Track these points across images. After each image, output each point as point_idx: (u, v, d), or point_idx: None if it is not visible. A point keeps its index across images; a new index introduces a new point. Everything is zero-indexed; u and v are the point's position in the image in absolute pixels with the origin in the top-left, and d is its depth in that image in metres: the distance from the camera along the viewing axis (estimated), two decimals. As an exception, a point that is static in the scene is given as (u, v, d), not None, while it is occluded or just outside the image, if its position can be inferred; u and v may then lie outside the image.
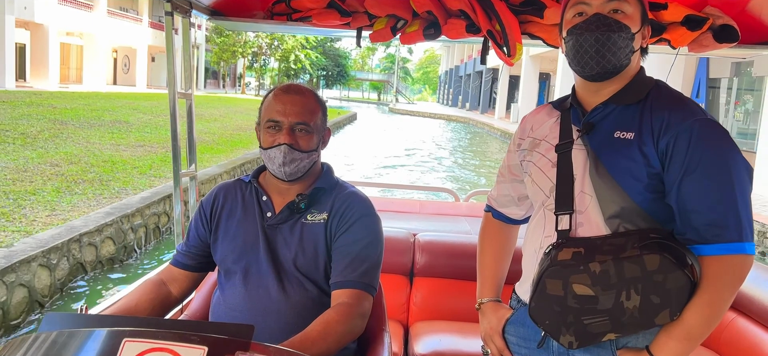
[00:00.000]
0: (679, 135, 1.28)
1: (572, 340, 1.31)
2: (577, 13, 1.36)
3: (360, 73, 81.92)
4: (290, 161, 1.57)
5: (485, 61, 2.20)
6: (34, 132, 11.01)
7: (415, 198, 6.67)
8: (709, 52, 1.99)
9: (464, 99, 51.60)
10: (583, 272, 1.27)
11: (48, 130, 11.56)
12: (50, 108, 15.23)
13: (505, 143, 24.87)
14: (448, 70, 64.17)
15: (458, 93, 55.71)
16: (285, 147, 1.55)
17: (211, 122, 17.43)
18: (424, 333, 2.55)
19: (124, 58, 35.19)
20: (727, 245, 1.24)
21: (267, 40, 44.47)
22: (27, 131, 10.90)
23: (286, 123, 1.57)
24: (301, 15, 2.21)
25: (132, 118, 15.53)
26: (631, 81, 1.39)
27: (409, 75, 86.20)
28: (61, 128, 12.01)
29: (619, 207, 1.32)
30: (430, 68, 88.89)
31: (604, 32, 1.30)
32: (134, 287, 1.80)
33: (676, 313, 1.26)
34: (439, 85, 75.64)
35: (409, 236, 2.91)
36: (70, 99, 18.24)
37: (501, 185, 1.70)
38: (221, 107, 23.96)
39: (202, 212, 1.75)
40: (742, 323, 2.38)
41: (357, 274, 1.57)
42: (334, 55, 60.33)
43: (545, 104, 1.60)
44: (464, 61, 51.97)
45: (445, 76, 66.70)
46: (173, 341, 0.95)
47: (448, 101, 62.28)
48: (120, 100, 20.71)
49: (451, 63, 61.11)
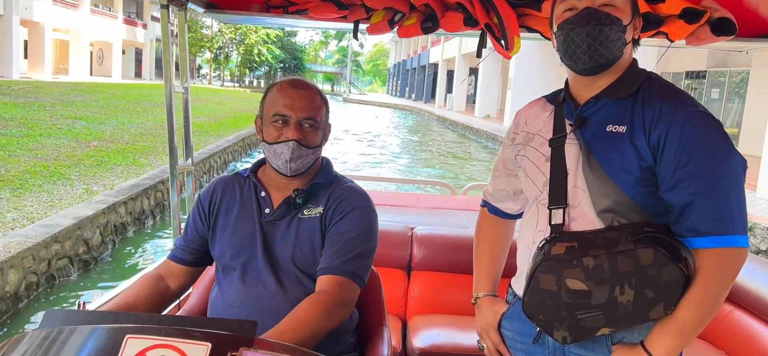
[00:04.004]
0: (671, 127, 1.28)
1: (566, 335, 1.32)
2: (567, 8, 1.37)
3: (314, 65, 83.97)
4: (297, 157, 1.57)
5: (481, 55, 2.21)
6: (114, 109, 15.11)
7: (412, 192, 6.74)
8: (706, 45, 1.98)
9: (411, 90, 55.68)
10: (576, 266, 1.27)
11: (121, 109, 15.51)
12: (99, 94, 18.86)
13: (441, 125, 29.45)
14: (396, 64, 67.80)
15: (405, 85, 59.56)
16: (294, 143, 1.55)
17: (214, 106, 21.66)
18: (423, 327, 2.57)
19: (99, 52, 38.21)
20: (720, 238, 1.24)
21: (231, 35, 47.79)
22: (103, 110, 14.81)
23: (294, 118, 1.57)
24: (298, 8, 2.21)
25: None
26: (623, 74, 1.40)
27: (361, 67, 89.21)
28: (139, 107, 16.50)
29: (612, 201, 1.33)
30: (379, 61, 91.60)
31: (595, 26, 1.31)
32: (133, 281, 1.80)
33: (671, 307, 1.27)
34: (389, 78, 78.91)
35: (407, 230, 2.92)
36: (93, 88, 21.69)
37: (496, 180, 1.70)
38: (211, 95, 28.27)
39: (200, 207, 1.74)
40: (738, 315, 2.41)
41: (342, 261, 1.56)
42: (291, 49, 63.54)
43: (540, 98, 1.61)
44: (411, 56, 55.96)
45: (394, 69, 70.14)
46: (176, 337, 0.95)
47: (397, 92, 66.06)
48: (133, 89, 24.42)
49: (399, 57, 65.02)
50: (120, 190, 6.82)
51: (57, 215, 5.42)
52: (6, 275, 4.26)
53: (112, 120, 13.51)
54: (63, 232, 5.02)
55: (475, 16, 2.05)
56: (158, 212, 7.51)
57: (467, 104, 35.10)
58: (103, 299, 1.76)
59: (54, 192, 6.46)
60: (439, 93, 40.52)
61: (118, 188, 6.95)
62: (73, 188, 6.81)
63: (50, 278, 4.94)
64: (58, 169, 7.65)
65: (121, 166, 8.47)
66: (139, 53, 42.96)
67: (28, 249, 4.49)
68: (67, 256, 5.17)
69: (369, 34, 2.22)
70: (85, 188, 6.90)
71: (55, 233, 4.89)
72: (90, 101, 16.81)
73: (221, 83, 53.64)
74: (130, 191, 6.81)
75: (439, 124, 30.24)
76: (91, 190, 6.80)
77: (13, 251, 4.31)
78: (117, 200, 6.34)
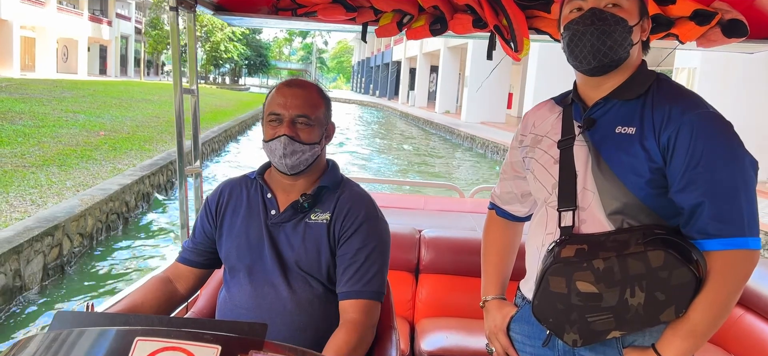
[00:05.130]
0: (681, 128, 1.20)
1: (576, 338, 1.25)
2: (574, 9, 1.30)
3: (280, 62, 79.64)
4: (291, 152, 1.50)
5: (491, 57, 2.08)
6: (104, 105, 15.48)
7: (420, 194, 6.56)
8: (717, 47, 1.89)
9: (374, 87, 54.49)
10: (586, 269, 1.21)
11: (109, 104, 15.90)
12: (81, 91, 18.76)
13: (404, 120, 29.42)
14: (360, 61, 65.89)
15: (369, 82, 58.24)
16: (285, 138, 1.48)
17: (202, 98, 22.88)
18: (431, 330, 2.46)
19: (63, 49, 35.36)
20: (731, 240, 1.17)
21: (198, 32, 48.88)
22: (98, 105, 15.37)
23: (286, 116, 1.50)
24: (306, 10, 2.11)
25: (147, 97, 19.99)
26: (632, 75, 1.31)
27: (325, 64, 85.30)
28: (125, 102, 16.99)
29: (622, 203, 1.25)
30: (344, 58, 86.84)
31: (600, 27, 1.24)
32: (141, 283, 1.72)
33: (682, 310, 1.19)
34: (353, 75, 75.28)
35: (415, 233, 2.81)
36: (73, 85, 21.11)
37: (504, 182, 1.60)
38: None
39: (207, 209, 1.65)
40: (750, 319, 2.29)
41: (363, 283, 1.49)
42: (256, 46, 60.52)
43: (547, 99, 1.51)
44: (374, 54, 54.18)
45: (358, 66, 67.91)
46: (186, 340, 0.92)
47: (361, 89, 64.03)
48: (111, 86, 23.95)
49: (363, 55, 62.64)
50: (142, 167, 8.21)
51: (104, 183, 6.82)
52: (86, 220, 5.71)
53: (106, 114, 13.84)
54: (113, 194, 6.49)
55: (484, 18, 1.96)
56: (169, 186, 8.88)
57: (429, 100, 35.48)
58: (112, 301, 1.69)
59: (90, 169, 7.60)
60: (403, 90, 40.44)
61: (140, 165, 8.30)
62: (102, 166, 7.90)
63: (107, 228, 6.31)
64: (84, 152, 8.65)
65: (133, 150, 9.54)
66: (103, 50, 40.03)
67: (96, 204, 5.97)
68: (116, 212, 6.62)
69: (377, 36, 2.12)
70: (111, 166, 7.98)
71: (110, 194, 6.39)
72: (78, 97, 16.70)
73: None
74: (150, 168, 8.22)
75: (402, 119, 30.27)
76: (117, 168, 7.89)
77: (86, 205, 5.77)
78: (143, 174, 7.72)
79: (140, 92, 22.58)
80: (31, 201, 5.79)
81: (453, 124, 21.89)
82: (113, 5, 39.87)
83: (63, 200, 5.91)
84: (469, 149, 18.02)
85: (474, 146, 17.89)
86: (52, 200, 5.91)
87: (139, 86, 26.78)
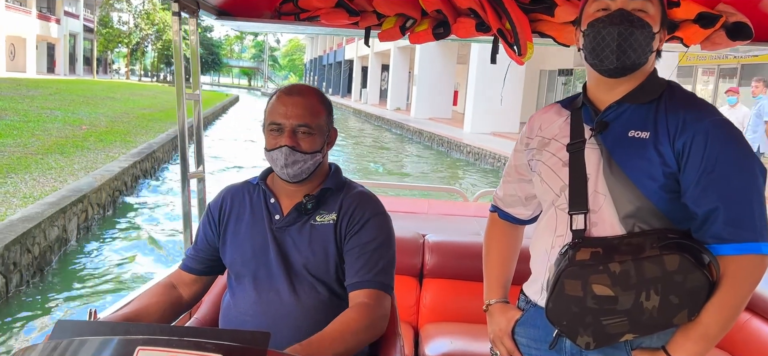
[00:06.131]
0: (696, 135, 1.18)
1: (589, 341, 1.22)
2: (601, 8, 1.24)
3: (232, 60, 78.90)
4: (292, 162, 1.44)
5: (495, 61, 1.97)
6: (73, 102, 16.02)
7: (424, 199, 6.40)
8: (722, 49, 1.83)
9: (327, 85, 51.98)
10: (602, 272, 1.18)
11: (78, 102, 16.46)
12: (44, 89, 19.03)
13: (358, 117, 28.97)
14: (312, 59, 63.77)
15: (322, 80, 55.95)
16: (286, 149, 1.42)
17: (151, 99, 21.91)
18: (435, 335, 2.38)
19: (11, 47, 34.39)
20: (744, 245, 1.16)
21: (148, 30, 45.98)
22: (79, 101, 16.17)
23: (287, 125, 1.43)
24: (309, 15, 2.05)
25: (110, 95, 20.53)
26: (644, 80, 1.26)
27: (277, 62, 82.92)
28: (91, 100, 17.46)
29: (635, 207, 1.21)
30: (296, 56, 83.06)
31: (627, 27, 1.20)
32: (144, 290, 1.67)
33: (695, 313, 1.16)
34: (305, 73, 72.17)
35: (419, 238, 2.73)
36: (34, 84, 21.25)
37: (507, 185, 1.53)
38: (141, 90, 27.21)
39: (210, 216, 1.57)
40: (756, 324, 2.24)
41: (373, 274, 1.43)
42: (208, 44, 59.30)
43: (554, 103, 1.45)
44: (327, 52, 52.91)
45: (310, 64, 65.87)
46: (188, 349, 0.91)
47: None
48: (73, 85, 23.97)
49: (315, 53, 60.81)
50: (131, 155, 8.95)
51: (105, 166, 7.74)
52: (101, 193, 6.66)
53: (80, 111, 13.98)
54: (119, 173, 7.52)
55: (487, 21, 1.89)
56: (153, 171, 9.71)
57: (380, 98, 36.22)
58: (116, 307, 1.60)
59: (87, 156, 8.26)
60: (355, 88, 40.07)
61: (129, 154, 9.03)
62: (97, 154, 8.53)
63: (113, 202, 7.41)
64: (76, 143, 9.21)
65: (117, 142, 10.07)
66: (51, 48, 38.09)
67: (106, 181, 7.00)
68: (119, 190, 7.62)
69: (380, 40, 2.04)
70: (105, 154, 8.55)
71: (115, 175, 7.35)
72: (46, 95, 16.91)
73: (138, 78, 47.97)
74: (138, 155, 9.02)
75: (355, 116, 30.01)
76: (110, 155, 8.49)
77: (101, 181, 6.79)
78: (135, 160, 8.57)
79: (101, 89, 22.19)
80: (53, 179, 6.60)
81: (403, 120, 22.67)
82: (61, 3, 37.24)
83: (80, 179, 6.75)
84: (418, 143, 18.72)
85: (422, 140, 18.70)
86: (71, 178, 6.73)
87: (97, 85, 26.19)
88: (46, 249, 4.99)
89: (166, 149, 11.15)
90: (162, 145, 10.98)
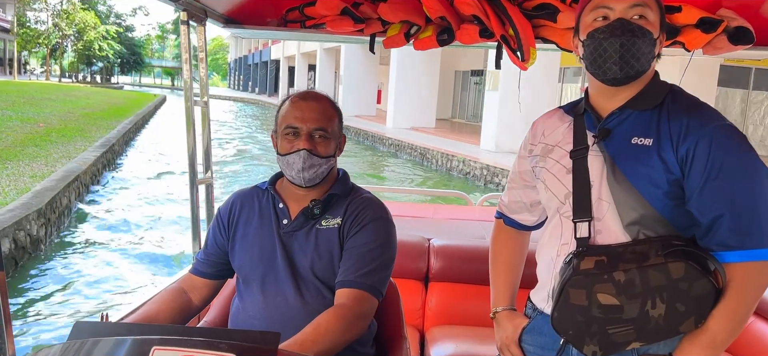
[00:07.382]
0: (699, 141, 1.15)
1: (596, 350, 1.20)
2: (599, 17, 1.21)
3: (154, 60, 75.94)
4: (309, 166, 1.44)
5: (499, 66, 1.97)
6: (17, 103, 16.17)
7: (429, 203, 6.49)
8: (723, 54, 1.83)
9: (254, 85, 52.53)
10: (607, 281, 1.16)
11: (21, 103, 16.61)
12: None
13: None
14: (237, 59, 63.31)
15: (248, 79, 56.08)
16: (304, 152, 1.43)
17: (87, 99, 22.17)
18: (440, 339, 2.38)
19: None
20: (751, 252, 1.14)
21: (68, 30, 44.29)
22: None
23: (304, 129, 1.44)
24: (315, 22, 2.07)
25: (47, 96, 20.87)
26: (646, 86, 1.24)
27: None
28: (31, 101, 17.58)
29: (639, 214, 1.20)
30: (219, 55, 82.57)
31: (629, 38, 1.17)
32: (155, 295, 1.69)
33: (701, 320, 1.15)
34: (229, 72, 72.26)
35: (424, 242, 2.74)
36: None
37: (512, 192, 1.51)
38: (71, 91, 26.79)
39: (219, 221, 1.59)
40: (760, 326, 2.25)
41: (360, 274, 1.42)
42: (129, 44, 57.51)
43: (556, 108, 1.44)
44: (252, 52, 52.52)
45: (235, 64, 65.19)
46: (201, 348, 0.94)
47: (239, 86, 61.09)
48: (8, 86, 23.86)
49: (240, 52, 60.04)
50: (96, 147, 10.06)
51: (81, 155, 8.94)
52: (87, 175, 8.04)
53: (28, 111, 14.38)
54: (94, 161, 8.84)
55: (490, 28, 1.90)
56: (111, 162, 10.68)
57: None
58: (127, 311, 1.64)
59: (59, 149, 9.12)
60: (282, 87, 39.32)
61: (95, 145, 10.13)
62: (67, 147, 9.42)
63: (92, 183, 8.71)
64: (43, 138, 9.97)
65: (78, 137, 10.90)
66: None
67: (88, 167, 8.45)
68: (94, 174, 8.89)
69: (385, 47, 2.07)
70: (73, 147, 9.45)
71: (92, 162, 8.77)
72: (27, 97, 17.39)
73: (58, 79, 45.18)
74: (103, 146, 10.32)
75: None
76: (78, 147, 9.35)
77: (84, 166, 8.15)
78: (102, 151, 9.84)
79: (35, 91, 22.25)
80: (43, 165, 7.53)
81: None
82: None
83: (67, 164, 7.84)
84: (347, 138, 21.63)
85: (349, 135, 21.09)
86: (58, 164, 7.71)
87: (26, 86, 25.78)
88: (65, 209, 6.84)
89: (120, 143, 12.79)
90: (118, 139, 12.60)
